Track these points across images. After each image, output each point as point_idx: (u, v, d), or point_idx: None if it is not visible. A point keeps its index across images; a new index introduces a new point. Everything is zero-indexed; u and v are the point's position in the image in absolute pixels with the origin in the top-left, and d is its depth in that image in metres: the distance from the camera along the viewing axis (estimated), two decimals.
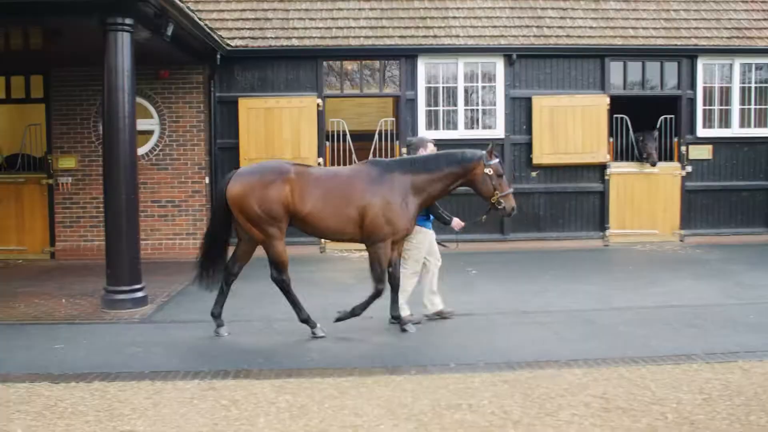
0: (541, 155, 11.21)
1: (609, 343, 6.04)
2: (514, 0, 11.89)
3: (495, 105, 11.30)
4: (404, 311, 6.57)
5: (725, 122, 11.71)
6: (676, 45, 11.38)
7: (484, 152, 6.36)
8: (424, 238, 6.67)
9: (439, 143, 10.93)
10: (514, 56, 11.13)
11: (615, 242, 11.45)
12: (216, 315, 6.41)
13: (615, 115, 11.56)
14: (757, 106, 11.74)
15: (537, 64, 11.34)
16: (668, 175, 11.55)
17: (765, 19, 12.01)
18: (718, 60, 11.63)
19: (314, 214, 6.12)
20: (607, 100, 11.31)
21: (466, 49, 11.11)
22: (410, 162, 6.39)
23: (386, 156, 11.27)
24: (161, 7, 7.61)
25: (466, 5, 11.77)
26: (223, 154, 11.12)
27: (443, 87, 11.28)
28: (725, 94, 11.69)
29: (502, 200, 6.33)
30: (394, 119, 11.34)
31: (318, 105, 11.02)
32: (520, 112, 11.31)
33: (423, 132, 11.17)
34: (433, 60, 11.22)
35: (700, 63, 11.54)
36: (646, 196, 11.50)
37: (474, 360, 5.58)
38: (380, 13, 11.58)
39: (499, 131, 11.28)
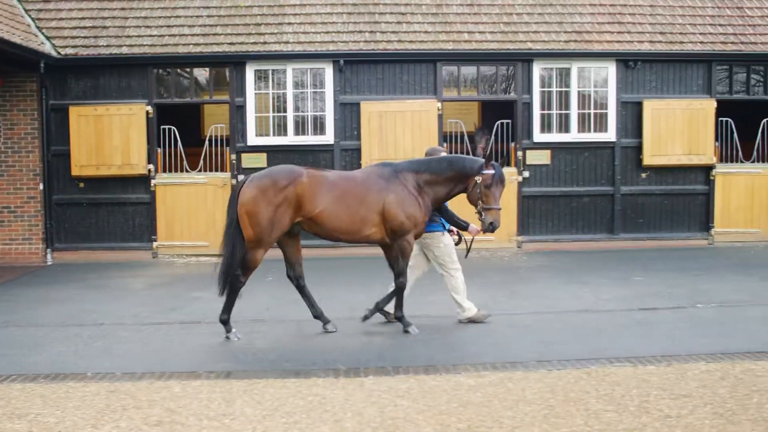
0: (371, 161, 11.17)
1: None
2: (354, 6, 11.87)
3: (325, 111, 11.30)
4: (471, 311, 6.84)
5: (564, 127, 11.58)
6: (509, 49, 11.28)
7: (482, 161, 6.50)
8: (449, 239, 6.87)
9: (270, 149, 11.13)
10: (342, 62, 11.12)
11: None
12: (317, 315, 6.66)
13: (449, 120, 11.51)
14: (596, 111, 11.59)
15: (368, 69, 11.32)
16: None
17: (609, 23, 11.85)
18: (555, 64, 11.50)
19: (327, 217, 6.29)
20: (439, 105, 11.25)
21: (295, 55, 11.13)
22: (417, 164, 6.64)
23: (218, 161, 11.38)
24: None
25: (304, 11, 11.78)
26: (57, 161, 11.28)
27: (273, 93, 11.32)
28: (564, 99, 11.55)
29: (483, 212, 6.44)
30: (224, 125, 11.39)
31: (148, 112, 11.11)
32: (351, 118, 11.29)
33: (253, 138, 11.23)
34: (263, 66, 11.25)
35: (537, 67, 11.42)
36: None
37: None
38: (217, 20, 11.64)
39: (329, 137, 11.28)
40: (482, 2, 12.01)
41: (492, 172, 6.42)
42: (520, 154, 11.46)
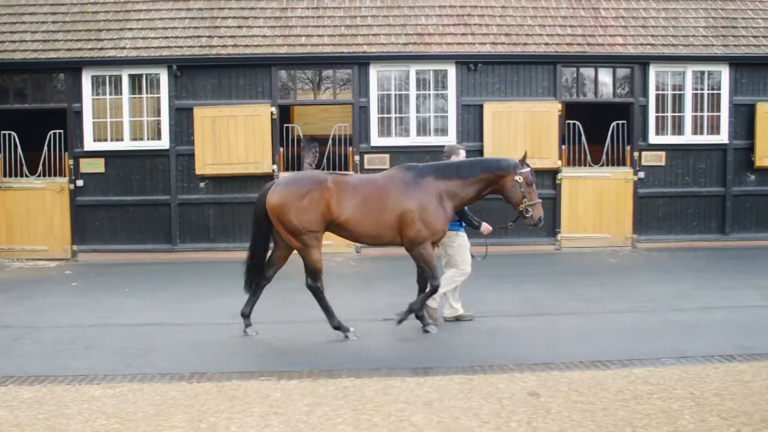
0: (204, 166, 11.17)
1: None
2: (199, 10, 11.85)
3: (160, 116, 11.32)
4: (458, 310, 7.06)
5: (404, 131, 11.44)
6: (343, 53, 11.18)
7: (516, 160, 6.63)
8: (464, 239, 7.04)
9: (108, 155, 11.17)
10: (174, 67, 11.12)
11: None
12: (246, 315, 6.79)
13: (285, 125, 11.45)
14: (437, 114, 11.44)
15: (204, 74, 11.30)
16: None
17: (454, 25, 11.68)
18: (393, 67, 11.37)
19: (352, 221, 6.42)
20: (273, 109, 11.19)
21: (130, 61, 11.15)
22: (443, 167, 6.67)
23: (59, 166, 11.45)
24: None
25: (149, 16, 11.79)
26: None
27: (111, 99, 11.36)
28: (404, 102, 11.41)
29: (530, 208, 6.60)
30: (62, 131, 11.44)
31: None
32: (186, 123, 11.29)
33: (90, 143, 11.29)
34: (99, 72, 11.29)
35: (374, 70, 11.31)
36: None
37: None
38: (60, 26, 11.71)
39: (164, 142, 11.29)
40: (328, 5, 11.92)
41: (529, 169, 6.60)
42: (356, 158, 11.36)
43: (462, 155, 7.28)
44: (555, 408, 4.79)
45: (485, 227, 7.09)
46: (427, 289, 6.66)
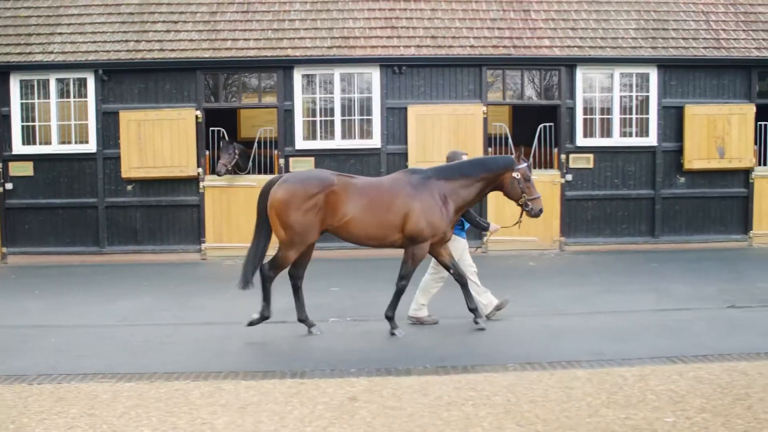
0: (129, 169, 11.25)
1: None
2: (130, 15, 11.93)
3: (88, 120, 11.42)
4: (423, 311, 7.22)
5: (330, 134, 11.48)
6: (267, 56, 11.24)
7: (513, 158, 6.89)
8: (458, 246, 7.17)
9: (37, 158, 11.28)
10: (100, 71, 11.22)
11: (212, 256, 11.40)
12: (303, 319, 6.87)
13: (211, 128, 11.52)
14: (362, 117, 11.47)
15: (131, 78, 11.39)
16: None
17: (381, 28, 11.70)
18: (318, 70, 11.42)
19: (356, 223, 6.54)
20: (198, 113, 11.27)
21: (56, 66, 11.26)
22: (446, 169, 6.87)
23: None
24: None
25: (80, 21, 11.86)
26: None
27: (39, 103, 11.47)
28: (329, 105, 11.45)
29: (529, 203, 6.81)
30: None
31: None
32: (113, 127, 11.38)
33: (19, 147, 11.41)
34: (28, 77, 11.41)
35: (298, 74, 11.35)
36: (243, 209, 11.38)
37: None
38: None
39: (92, 146, 11.39)
40: (258, 9, 11.98)
41: (525, 165, 6.82)
42: (282, 161, 11.41)
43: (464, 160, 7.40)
44: (363, 413, 4.81)
45: (494, 227, 7.35)
46: (395, 291, 6.81)
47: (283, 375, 5.73)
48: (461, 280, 6.89)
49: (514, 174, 6.75)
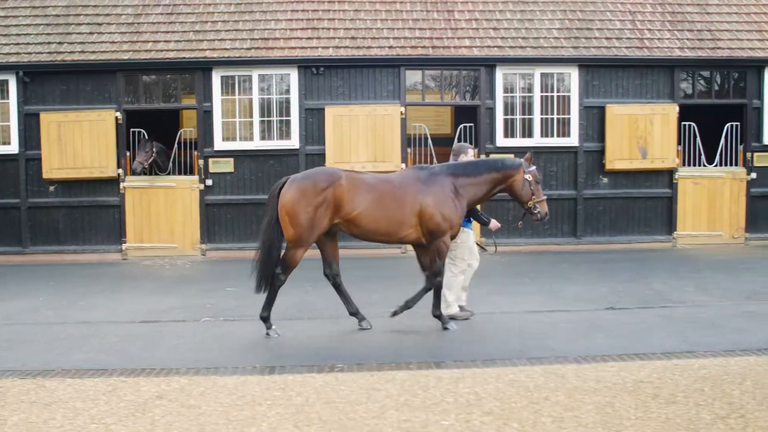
0: (51, 170, 11.37)
1: None
2: (55, 17, 12.05)
3: (10, 121, 11.55)
4: (452, 308, 7.18)
5: (249, 135, 11.52)
6: (185, 58, 11.30)
7: (522, 160, 6.97)
8: (468, 237, 7.27)
9: None
10: (21, 73, 11.35)
11: (133, 256, 11.48)
12: (354, 312, 6.95)
13: (132, 129, 11.61)
14: (281, 118, 11.51)
15: (52, 80, 11.50)
16: (186, 189, 11.50)
17: (302, 29, 11.73)
18: (236, 72, 11.47)
19: (365, 218, 6.57)
20: (118, 114, 11.36)
21: None
22: (454, 167, 6.96)
23: None
24: None
25: (5, 23, 12.00)
26: None
27: None
28: (248, 107, 11.49)
29: (537, 205, 6.93)
30: None
31: None
32: (35, 128, 11.49)
33: None
34: None
35: (217, 75, 11.41)
36: (164, 210, 11.46)
37: None
38: None
39: (14, 147, 11.53)
40: (182, 11, 12.05)
41: (535, 168, 6.95)
42: (201, 162, 11.47)
43: (470, 154, 7.47)
44: (156, 411, 4.84)
45: (494, 224, 7.39)
46: (424, 286, 6.85)
47: (113, 373, 5.78)
48: (431, 284, 6.85)
49: (527, 176, 6.83)
